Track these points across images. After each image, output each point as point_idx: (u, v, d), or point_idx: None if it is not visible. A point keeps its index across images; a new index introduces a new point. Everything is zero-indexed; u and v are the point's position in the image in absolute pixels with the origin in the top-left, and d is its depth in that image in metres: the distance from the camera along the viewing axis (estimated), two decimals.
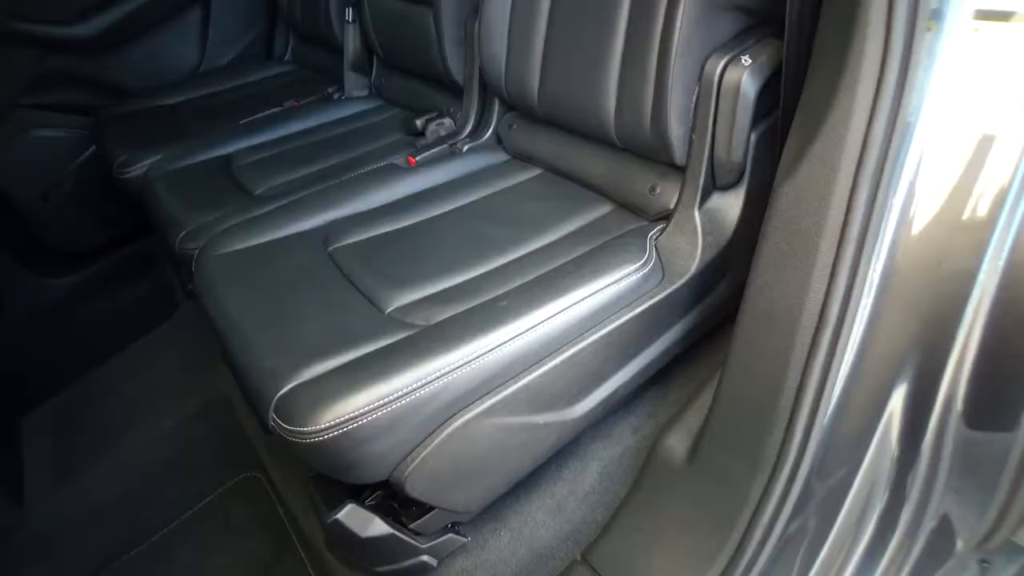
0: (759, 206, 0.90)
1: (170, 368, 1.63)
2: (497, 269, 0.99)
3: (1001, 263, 0.78)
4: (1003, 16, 0.70)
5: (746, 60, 0.88)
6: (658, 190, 1.02)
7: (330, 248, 1.09)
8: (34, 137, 2.01)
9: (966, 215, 0.78)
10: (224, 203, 1.31)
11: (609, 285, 0.88)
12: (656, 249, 0.96)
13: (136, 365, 1.69)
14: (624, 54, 0.99)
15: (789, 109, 0.86)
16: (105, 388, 1.65)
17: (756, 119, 0.91)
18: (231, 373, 0.95)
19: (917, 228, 0.77)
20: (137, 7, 1.99)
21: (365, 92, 1.73)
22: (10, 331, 1.93)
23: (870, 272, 0.78)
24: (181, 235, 1.26)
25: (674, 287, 0.94)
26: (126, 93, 2.10)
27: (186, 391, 1.54)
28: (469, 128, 1.38)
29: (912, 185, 0.76)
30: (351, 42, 1.68)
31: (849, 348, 0.80)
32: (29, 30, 1.91)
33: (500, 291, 0.92)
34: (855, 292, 0.79)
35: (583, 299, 0.86)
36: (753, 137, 0.92)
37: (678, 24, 0.89)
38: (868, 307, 0.80)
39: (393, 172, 1.27)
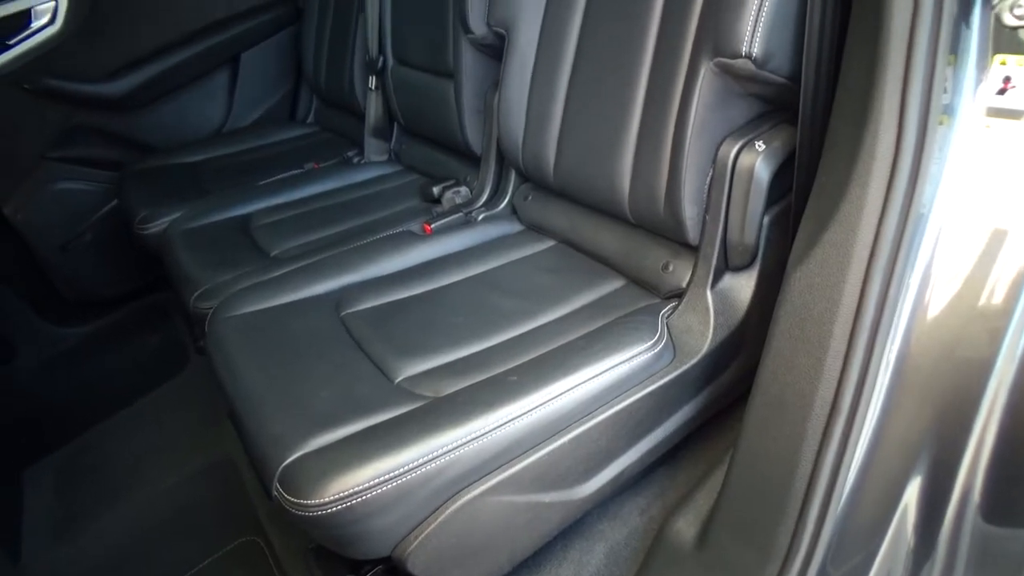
0: (772, 288, 0.90)
1: (177, 425, 1.62)
2: (508, 342, 0.99)
3: (1019, 352, 0.77)
4: (1014, 115, 0.71)
5: (760, 145, 0.89)
6: (671, 268, 1.03)
7: (342, 313, 1.10)
8: (58, 189, 2.05)
9: (981, 304, 0.77)
10: (240, 263, 1.33)
11: (620, 364, 0.88)
12: (668, 328, 0.96)
13: (143, 420, 1.68)
14: (640, 134, 1.01)
15: (802, 194, 0.87)
16: (110, 442, 1.64)
17: (769, 203, 0.92)
18: (237, 434, 0.95)
19: (932, 317, 0.77)
20: (168, 68, 2.05)
21: (384, 157, 1.76)
22: (21, 379, 1.94)
23: (884, 360, 0.77)
24: (196, 294, 1.27)
25: (685, 367, 0.94)
26: (151, 149, 2.15)
27: (191, 449, 1.53)
28: (485, 197, 1.40)
29: (926, 275, 0.76)
30: (373, 109, 1.72)
31: (863, 436, 0.79)
32: (61, 87, 1.97)
33: (510, 365, 0.92)
34: (868, 380, 0.78)
35: (593, 377, 0.86)
36: (766, 220, 0.93)
37: (694, 108, 0.90)
38: (882, 395, 0.79)
39: (408, 239, 1.29)
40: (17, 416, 1.78)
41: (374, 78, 1.69)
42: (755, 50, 0.82)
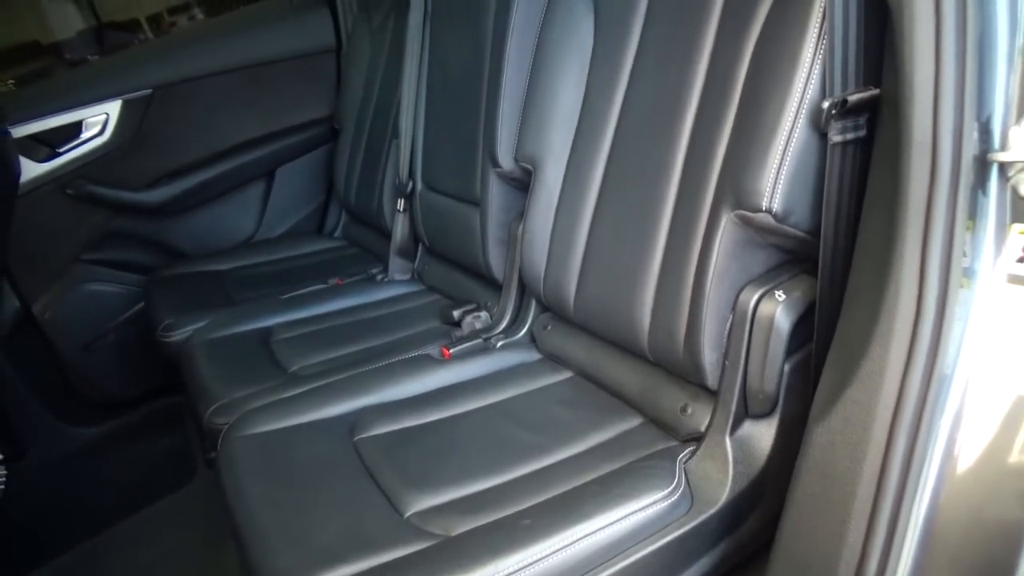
0: (792, 438, 0.88)
1: (179, 542, 1.59)
2: (521, 479, 0.97)
3: None
4: None
5: (780, 295, 0.90)
6: (689, 411, 1.02)
7: (356, 438, 1.09)
8: (88, 290, 2.10)
9: (1010, 464, 0.75)
10: (258, 379, 1.33)
11: (635, 512, 0.86)
12: (685, 474, 0.94)
13: (146, 533, 1.65)
14: (660, 276, 1.02)
15: (823, 346, 0.87)
16: (113, 552, 1.61)
17: (789, 351, 0.92)
18: (240, 560, 0.93)
19: (959, 479, 0.75)
20: (206, 180, 2.14)
21: (408, 276, 1.80)
22: (28, 479, 1.92)
23: (911, 524, 0.75)
24: (212, 408, 1.27)
25: (702, 517, 0.91)
26: (182, 255, 2.20)
27: (192, 566, 1.49)
28: (504, 324, 1.41)
29: (952, 436, 0.74)
30: (399, 229, 1.77)
31: None
32: (102, 193, 2.05)
33: (523, 504, 0.91)
34: (895, 545, 0.75)
35: (607, 525, 0.84)
36: (786, 368, 0.92)
37: (714, 255, 0.92)
38: (910, 561, 0.76)
39: (426, 363, 1.29)
40: (22, 517, 1.76)
41: (403, 200, 1.75)
42: (775, 205, 0.84)
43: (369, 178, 1.93)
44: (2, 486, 1.53)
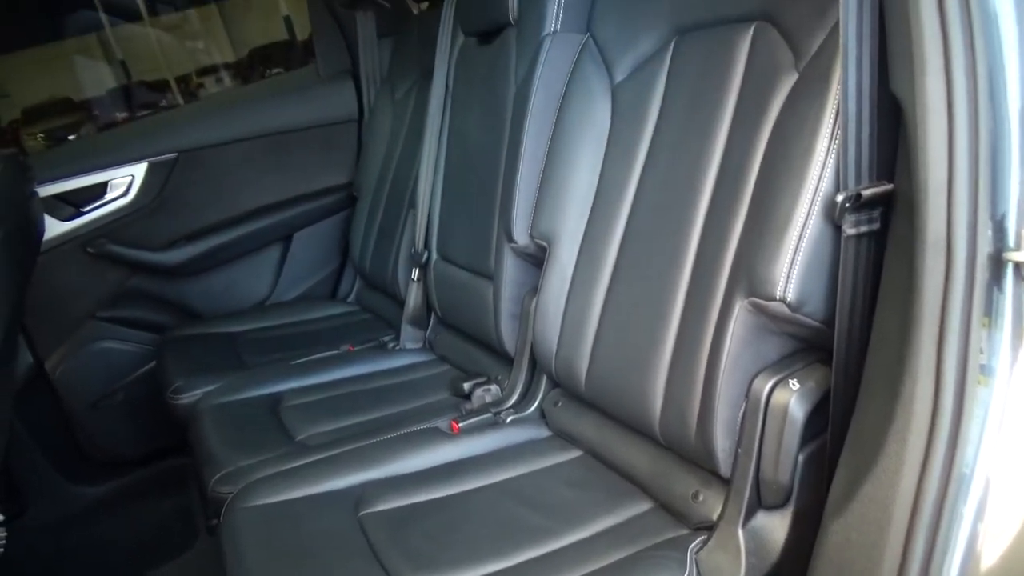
0: (807, 532, 0.86)
1: None
2: (529, 563, 0.95)
3: None
4: None
5: (794, 384, 0.89)
6: (701, 498, 1.00)
7: (361, 513, 1.08)
8: (100, 348, 2.11)
9: None
10: (265, 447, 1.33)
11: None
12: (697, 565, 0.92)
13: None
14: (673, 358, 1.02)
15: (838, 437, 0.86)
16: None
17: (804, 441, 0.90)
18: None
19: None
20: (224, 242, 2.17)
21: (419, 345, 1.80)
22: (29, 538, 1.90)
23: None
24: (217, 476, 1.26)
25: None
26: (196, 315, 2.22)
27: None
28: (515, 399, 1.41)
29: (972, 536, 0.73)
30: (413, 298, 1.78)
31: None
32: (122, 253, 2.09)
33: None
34: None
35: None
36: (801, 459, 0.91)
37: (727, 341, 0.92)
38: None
39: (435, 437, 1.28)
40: None
41: (417, 270, 1.76)
42: (789, 295, 0.85)
43: (385, 246, 1.96)
44: (2, 546, 1.51)
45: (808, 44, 0.89)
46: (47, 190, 1.98)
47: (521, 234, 1.34)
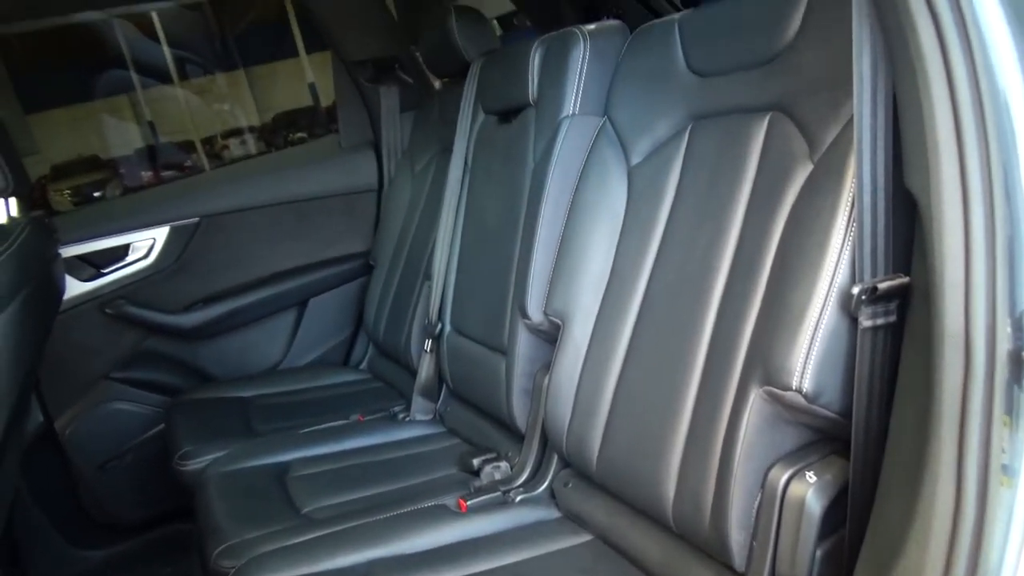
0: None
1: None
2: None
3: None
4: None
5: (811, 477, 0.87)
6: None
7: None
8: (111, 409, 2.11)
9: None
10: (270, 519, 1.31)
11: None
12: None
13: None
14: (687, 443, 1.01)
15: (856, 534, 0.83)
16: None
17: (821, 536, 0.88)
18: None
19: None
20: (240, 306, 2.19)
21: (429, 416, 1.79)
22: None
23: None
24: (220, 549, 1.24)
25: None
26: (209, 378, 2.22)
27: None
28: (525, 477, 1.38)
29: None
30: (425, 369, 1.78)
31: None
32: (139, 315, 2.11)
33: None
34: None
35: None
36: (818, 554, 0.88)
37: (742, 430, 0.91)
38: None
39: (442, 515, 1.26)
40: None
41: (430, 341, 1.76)
42: (806, 385, 0.84)
43: (399, 315, 1.96)
44: None
45: (823, 136, 0.91)
46: (70, 251, 2.02)
47: (535, 311, 1.35)
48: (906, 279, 0.81)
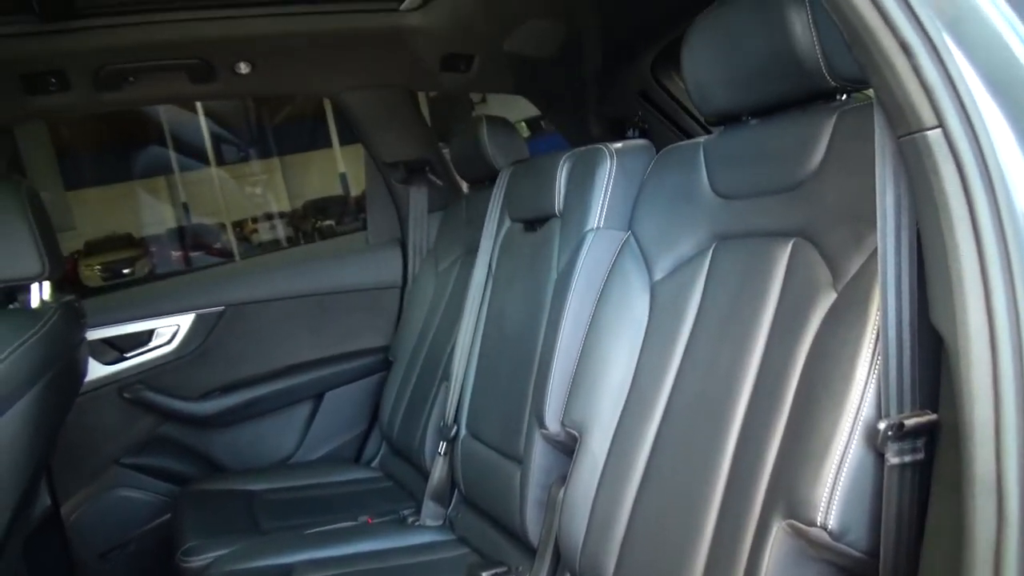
0: None
1: None
2: None
3: None
4: None
5: None
6: None
7: None
8: (118, 496, 2.09)
9: None
10: None
11: None
12: None
13: None
14: (707, 572, 0.97)
15: None
16: None
17: None
18: None
19: None
20: (257, 397, 2.19)
21: (439, 522, 1.74)
22: None
23: None
24: None
25: None
26: (219, 467, 2.20)
27: None
28: None
29: None
30: (438, 472, 1.75)
31: None
32: (156, 400, 2.11)
33: None
34: None
35: None
36: None
37: (764, 565, 0.87)
38: None
39: None
40: None
41: (444, 444, 1.74)
42: (831, 522, 0.81)
43: (414, 415, 1.95)
44: None
45: (846, 266, 0.91)
46: (96, 333, 2.04)
47: (553, 421, 1.33)
48: (934, 416, 0.80)
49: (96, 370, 2.05)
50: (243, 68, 2.00)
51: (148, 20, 1.81)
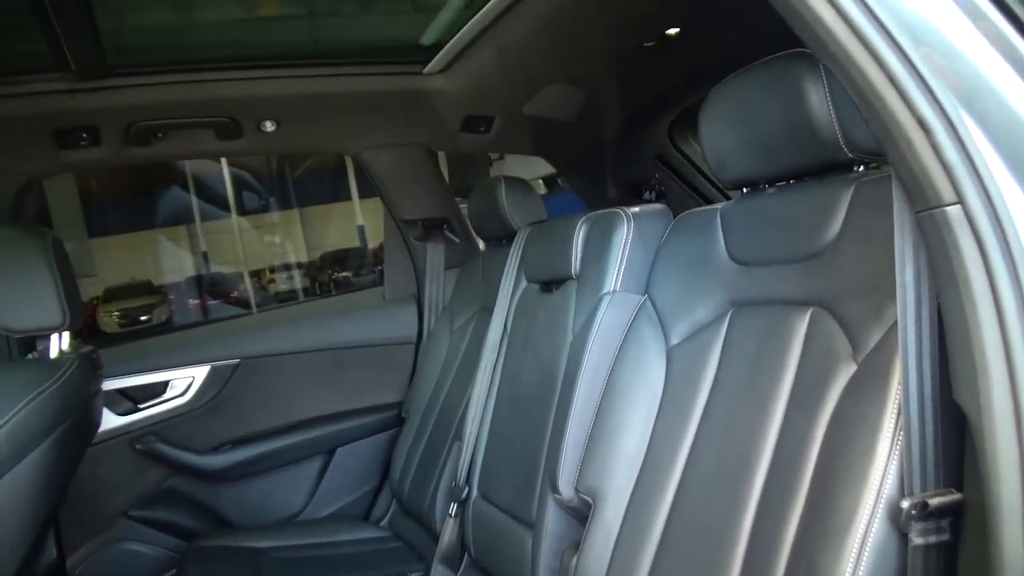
0: None
1: None
2: None
3: None
4: None
5: None
6: None
7: None
8: (123, 549, 2.07)
9: None
10: None
11: None
12: None
13: None
14: None
15: None
16: None
17: None
18: None
19: None
20: (268, 451, 2.18)
21: None
22: None
23: None
24: None
25: None
26: (226, 523, 2.18)
27: None
28: None
29: None
30: (448, 535, 1.72)
31: None
32: (168, 453, 2.10)
33: None
34: None
35: None
36: None
37: None
38: None
39: None
40: None
41: (455, 505, 1.72)
42: None
43: (425, 474, 1.93)
44: None
45: (866, 338, 0.91)
46: (111, 384, 2.05)
47: (566, 486, 1.31)
48: (959, 496, 0.78)
49: (109, 420, 2.05)
50: (269, 126, 2.05)
51: (179, 80, 1.87)
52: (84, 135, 1.89)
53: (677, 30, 1.77)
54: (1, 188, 1.90)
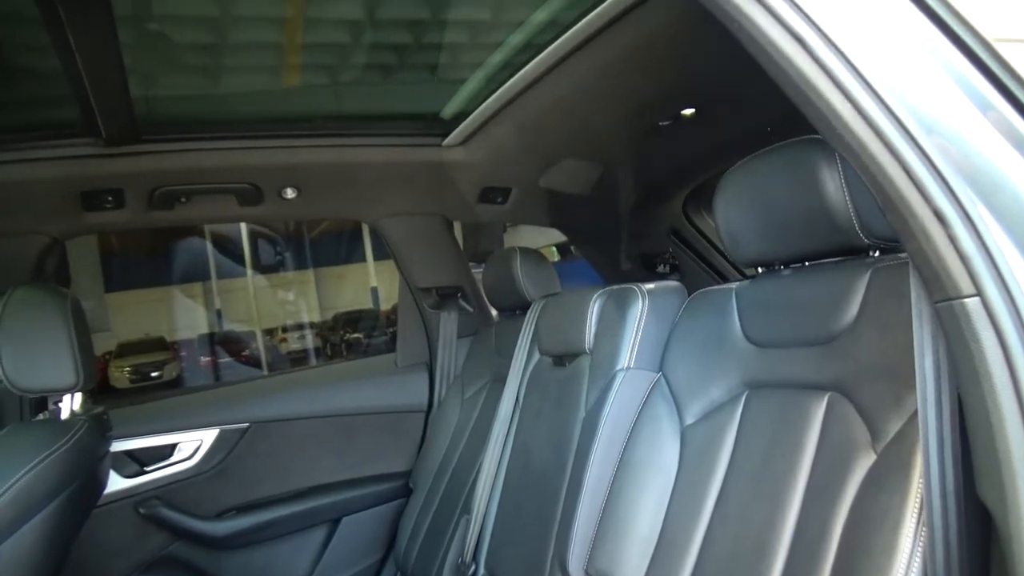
0: None
1: None
2: None
3: None
4: None
5: None
6: None
7: None
8: None
9: None
10: None
11: None
12: None
13: None
14: None
15: None
16: None
17: None
18: None
19: None
20: (273, 518, 2.14)
21: None
22: None
23: None
24: None
25: None
26: None
27: None
28: None
29: None
30: None
31: None
32: (172, 518, 2.07)
33: None
34: None
35: None
36: None
37: None
38: None
39: None
40: None
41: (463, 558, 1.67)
42: None
43: (432, 548, 1.88)
44: None
45: (886, 427, 0.89)
46: (119, 445, 2.03)
47: (577, 568, 1.28)
48: None
49: (115, 483, 2.02)
50: (289, 193, 2.08)
51: (204, 147, 1.92)
52: (109, 198, 1.93)
53: (692, 110, 1.81)
54: (25, 247, 1.93)
